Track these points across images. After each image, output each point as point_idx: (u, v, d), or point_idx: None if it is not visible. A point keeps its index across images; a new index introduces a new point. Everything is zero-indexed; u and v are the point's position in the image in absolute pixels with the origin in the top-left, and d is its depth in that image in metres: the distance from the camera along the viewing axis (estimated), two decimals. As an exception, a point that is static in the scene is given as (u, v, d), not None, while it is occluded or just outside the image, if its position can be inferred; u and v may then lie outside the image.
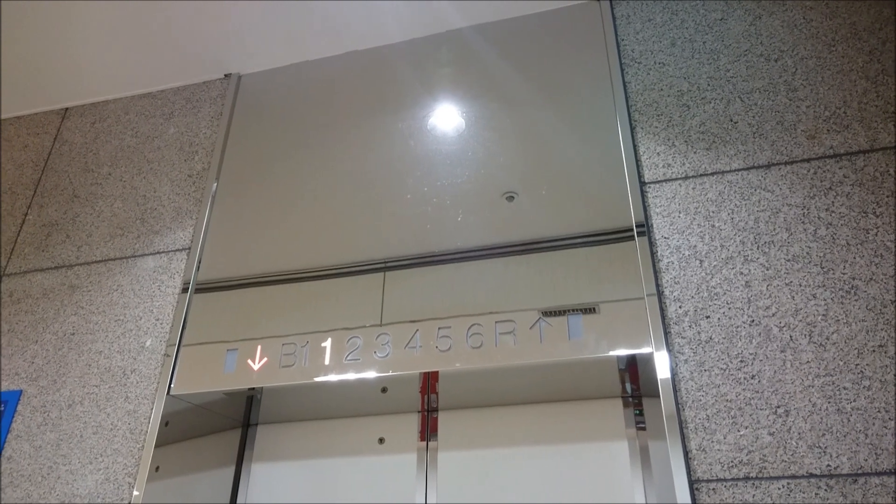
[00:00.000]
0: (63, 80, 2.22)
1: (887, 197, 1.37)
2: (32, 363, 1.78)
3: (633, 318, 1.38)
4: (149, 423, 1.58)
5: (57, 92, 2.28)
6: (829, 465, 1.16)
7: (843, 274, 1.32)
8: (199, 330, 1.67)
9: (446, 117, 1.83)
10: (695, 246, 1.44)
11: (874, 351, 1.24)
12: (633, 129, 1.64)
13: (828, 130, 1.49)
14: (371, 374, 1.48)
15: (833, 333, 1.27)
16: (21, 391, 1.74)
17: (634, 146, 1.61)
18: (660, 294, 1.41)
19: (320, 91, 2.03)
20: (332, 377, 1.50)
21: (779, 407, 1.23)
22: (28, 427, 1.68)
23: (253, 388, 1.60)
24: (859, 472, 1.15)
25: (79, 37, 2.07)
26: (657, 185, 1.54)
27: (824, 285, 1.32)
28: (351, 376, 1.49)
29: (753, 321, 1.32)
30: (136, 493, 1.50)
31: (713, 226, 1.45)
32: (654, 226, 1.49)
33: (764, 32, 1.67)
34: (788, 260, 1.37)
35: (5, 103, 2.32)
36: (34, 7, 1.96)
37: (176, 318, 1.71)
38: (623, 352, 1.36)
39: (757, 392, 1.26)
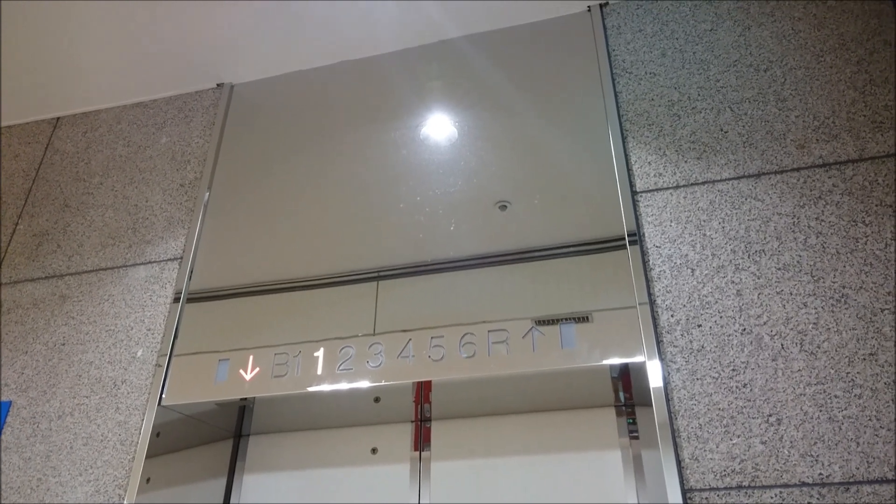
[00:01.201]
0: (55, 89, 2.22)
1: (876, 206, 1.38)
2: (22, 374, 1.76)
3: (625, 326, 1.39)
4: (140, 433, 1.57)
5: (48, 101, 2.27)
6: (821, 474, 1.17)
7: (834, 282, 1.33)
8: (191, 340, 1.66)
9: (439, 127, 1.84)
10: (686, 255, 1.45)
11: (865, 359, 1.24)
12: (624, 138, 1.65)
13: (817, 140, 1.50)
14: (364, 384, 1.48)
15: (824, 342, 1.28)
16: (10, 402, 1.72)
17: (626, 155, 1.62)
18: (652, 303, 1.41)
19: (313, 100, 2.03)
20: (325, 387, 1.49)
21: (771, 415, 1.24)
22: (17, 438, 1.66)
23: (245, 399, 1.59)
24: (851, 480, 1.15)
25: (71, 46, 2.07)
26: (648, 195, 1.55)
27: (815, 294, 1.33)
28: (343, 386, 1.49)
29: (745, 330, 1.33)
30: (126, 504, 1.48)
31: (704, 235, 1.46)
32: (646, 235, 1.50)
33: (753, 43, 1.69)
34: (779, 269, 1.38)
35: (-4, 112, 2.32)
36: (26, 16, 1.96)
37: (167, 328, 1.70)
38: (615, 361, 1.36)
39: (749, 401, 1.26)
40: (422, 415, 1.71)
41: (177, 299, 1.74)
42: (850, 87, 1.55)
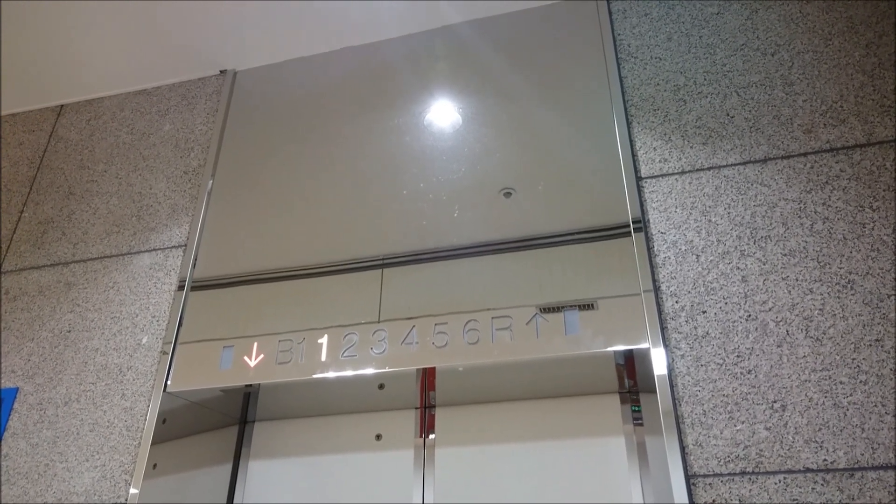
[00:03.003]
0: (58, 77, 2.22)
1: (884, 191, 1.37)
2: (29, 361, 1.77)
3: (629, 313, 1.38)
4: (145, 420, 1.58)
5: (52, 89, 2.27)
6: (825, 460, 1.16)
7: (840, 268, 1.32)
8: (196, 327, 1.67)
9: (443, 113, 1.83)
10: (691, 241, 1.44)
11: (871, 345, 1.24)
12: (629, 124, 1.64)
13: (824, 125, 1.48)
14: (368, 371, 1.48)
15: (830, 328, 1.27)
16: (17, 389, 1.73)
17: (631, 141, 1.61)
18: (656, 289, 1.40)
19: (316, 87, 2.02)
20: (329, 374, 1.50)
21: (775, 402, 1.23)
22: (25, 425, 1.67)
23: (249, 385, 1.59)
24: (856, 466, 1.15)
25: (74, 34, 2.06)
26: (654, 181, 1.54)
27: (821, 280, 1.32)
28: (348, 373, 1.49)
29: (750, 316, 1.32)
30: (133, 490, 1.49)
31: (710, 221, 1.45)
32: (651, 221, 1.49)
33: (760, 26, 1.67)
34: (785, 255, 1.37)
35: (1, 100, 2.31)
36: (30, 5, 1.95)
37: (172, 316, 1.70)
38: (620, 347, 1.36)
39: (753, 387, 1.25)
40: (426, 401, 1.72)
41: (181, 287, 1.74)
42: (859, 71, 1.53)
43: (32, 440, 1.65)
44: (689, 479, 1.20)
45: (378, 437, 1.72)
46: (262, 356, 1.56)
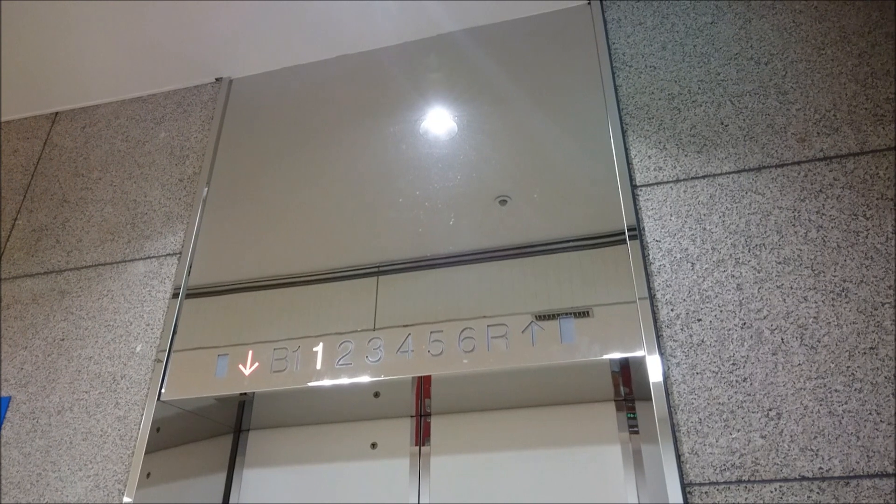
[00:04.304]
0: (53, 84, 2.21)
1: (877, 199, 1.38)
2: (22, 369, 1.76)
3: (625, 321, 1.38)
4: (139, 429, 1.57)
5: (47, 96, 2.26)
6: (821, 468, 1.16)
7: (834, 276, 1.33)
8: (190, 335, 1.66)
9: (438, 121, 1.83)
10: (686, 249, 1.44)
11: (865, 353, 1.24)
12: (624, 132, 1.64)
13: (818, 133, 1.49)
14: (363, 379, 1.47)
15: (824, 336, 1.28)
16: (10, 397, 1.72)
17: (626, 149, 1.61)
18: (652, 297, 1.41)
19: (312, 95, 2.02)
20: (324, 382, 1.49)
21: (771, 410, 1.23)
22: (17, 434, 1.66)
23: (244, 394, 1.59)
24: (851, 474, 1.15)
25: (69, 41, 2.06)
26: (648, 189, 1.55)
27: (815, 288, 1.33)
28: (343, 381, 1.48)
29: (745, 324, 1.33)
30: (126, 499, 1.48)
31: (704, 229, 1.45)
32: (646, 229, 1.49)
33: (754, 36, 1.68)
34: (779, 262, 1.37)
35: (-5, 108, 2.31)
36: (24, 11, 1.95)
37: (166, 324, 1.70)
38: (615, 355, 1.36)
39: (749, 395, 1.26)
40: (422, 409, 1.71)
41: (176, 294, 1.74)
42: (852, 80, 1.54)
43: (25, 449, 1.63)
44: (685, 487, 1.20)
45: (373, 445, 1.72)
46: (256, 364, 1.56)
